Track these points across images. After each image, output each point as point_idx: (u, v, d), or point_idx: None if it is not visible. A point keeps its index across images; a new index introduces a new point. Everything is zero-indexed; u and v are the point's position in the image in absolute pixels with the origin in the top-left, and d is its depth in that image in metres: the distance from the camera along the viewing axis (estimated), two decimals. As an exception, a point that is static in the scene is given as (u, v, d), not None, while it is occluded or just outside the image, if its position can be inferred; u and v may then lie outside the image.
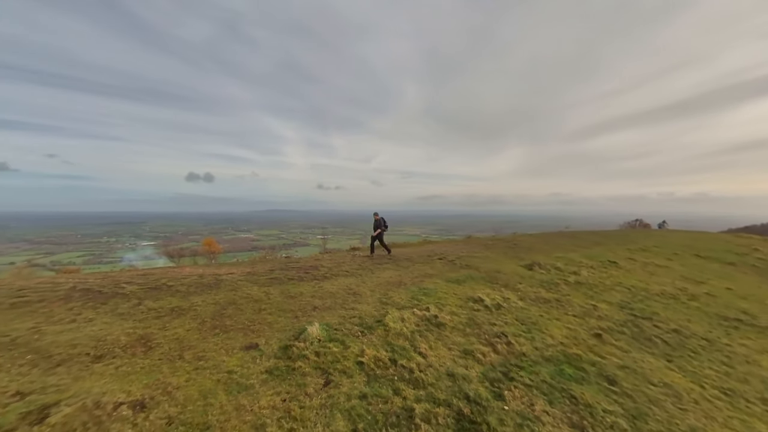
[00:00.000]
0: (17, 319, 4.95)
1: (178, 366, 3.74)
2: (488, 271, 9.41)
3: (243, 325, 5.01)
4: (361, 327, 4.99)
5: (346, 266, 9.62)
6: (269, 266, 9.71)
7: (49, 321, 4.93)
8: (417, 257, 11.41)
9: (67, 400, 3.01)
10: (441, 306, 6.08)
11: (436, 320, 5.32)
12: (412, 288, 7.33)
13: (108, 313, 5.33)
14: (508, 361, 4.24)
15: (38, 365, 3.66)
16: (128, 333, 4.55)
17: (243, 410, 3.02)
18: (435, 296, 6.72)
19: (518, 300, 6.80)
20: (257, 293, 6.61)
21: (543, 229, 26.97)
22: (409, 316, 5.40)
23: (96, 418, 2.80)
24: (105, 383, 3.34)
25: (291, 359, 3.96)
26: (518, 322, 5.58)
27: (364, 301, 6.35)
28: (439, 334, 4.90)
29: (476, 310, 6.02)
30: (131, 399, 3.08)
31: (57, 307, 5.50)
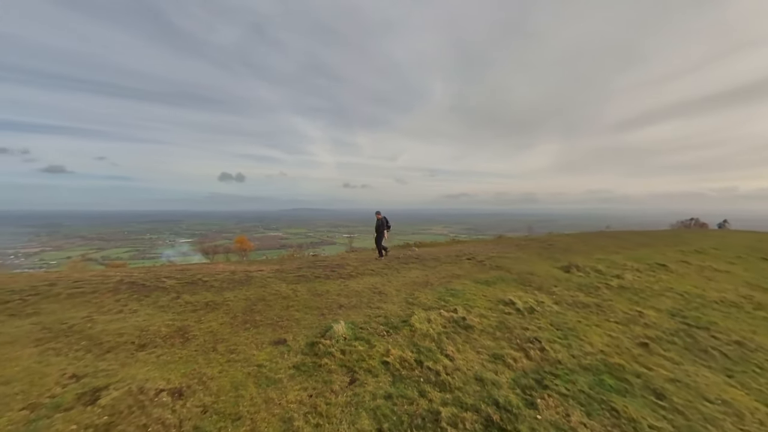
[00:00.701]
0: (73, 309, 5.50)
1: (212, 358, 3.98)
2: (520, 272, 9.08)
3: (272, 320, 5.21)
4: (387, 326, 5.02)
5: (372, 265, 9.70)
6: (297, 264, 10.03)
7: (100, 311, 5.44)
8: (444, 257, 11.26)
9: (115, 385, 3.30)
10: (469, 308, 5.95)
11: (464, 322, 5.23)
12: (439, 288, 7.25)
13: (150, 305, 5.78)
14: (542, 368, 4.07)
15: (91, 351, 4.06)
16: (168, 324, 4.91)
17: (271, 403, 3.15)
18: (463, 298, 6.60)
19: (553, 304, 6.50)
20: (285, 290, 6.85)
21: (580, 229, 25.54)
22: (436, 317, 5.35)
23: (140, 403, 3.05)
24: (147, 371, 3.62)
25: (317, 356, 4.07)
26: (553, 328, 5.33)
27: (389, 300, 6.38)
28: (467, 337, 4.81)
29: (507, 314, 5.83)
30: (170, 387, 3.32)
31: (107, 299, 6.05)
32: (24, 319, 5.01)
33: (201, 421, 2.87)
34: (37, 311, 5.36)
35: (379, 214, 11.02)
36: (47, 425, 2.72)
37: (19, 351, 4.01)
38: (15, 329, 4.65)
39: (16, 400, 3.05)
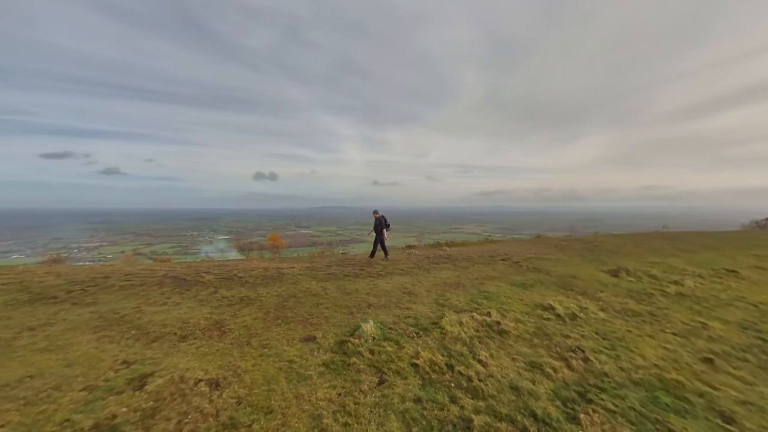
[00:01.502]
0: (125, 300, 6.05)
1: (246, 351, 4.19)
2: (561, 275, 8.60)
3: (302, 317, 5.38)
4: (416, 328, 4.98)
5: (401, 264, 9.68)
6: (327, 262, 10.27)
7: (147, 302, 5.94)
8: (477, 257, 10.96)
9: (160, 372, 3.59)
10: (504, 312, 5.74)
11: (498, 327, 5.05)
12: (471, 290, 7.07)
13: (191, 298, 6.20)
14: (585, 380, 3.82)
15: (139, 340, 4.44)
16: (206, 318, 5.24)
17: (301, 399, 3.25)
18: (497, 300, 6.38)
19: (599, 311, 6.08)
20: (315, 288, 7.04)
21: (632, 229, 23.66)
22: (468, 320, 5.22)
23: (181, 391, 3.28)
24: (188, 361, 3.89)
25: (346, 355, 4.13)
26: (599, 336, 4.99)
27: (419, 301, 6.32)
28: (502, 342, 4.64)
29: (546, 319, 5.55)
30: (208, 377, 3.54)
31: (153, 291, 6.59)
32: (84, 308, 5.60)
33: (236, 412, 3.03)
34: (95, 301, 5.97)
35: (377, 212, 10.71)
36: (102, 406, 3.01)
37: (80, 336, 4.49)
38: (77, 317, 5.21)
39: (77, 381, 3.42)
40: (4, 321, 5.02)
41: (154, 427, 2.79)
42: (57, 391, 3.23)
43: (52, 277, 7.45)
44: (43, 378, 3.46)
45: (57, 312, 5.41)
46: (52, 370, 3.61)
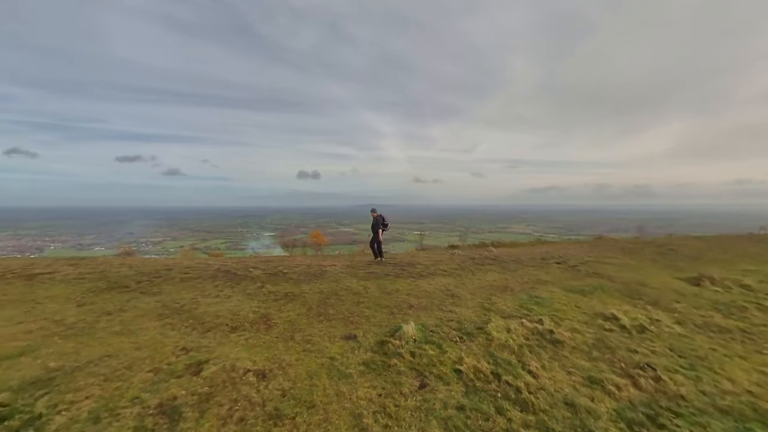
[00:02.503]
0: (184, 291, 6.71)
1: (290, 346, 4.42)
2: (627, 282, 7.84)
3: (343, 315, 5.54)
4: (460, 332, 4.86)
5: (444, 265, 9.52)
6: (367, 260, 10.44)
7: (203, 294, 6.52)
8: (527, 259, 10.40)
9: (213, 360, 3.92)
10: (558, 319, 5.38)
11: (552, 336, 4.74)
12: (520, 295, 6.73)
13: (240, 292, 6.70)
14: (656, 401, 3.44)
15: (196, 329, 4.90)
16: (254, 311, 5.62)
17: (342, 397, 3.35)
18: (550, 307, 6.00)
19: (674, 324, 5.43)
20: (356, 286, 7.20)
21: (716, 230, 20.77)
22: (517, 326, 4.97)
23: (232, 379, 3.56)
24: (238, 351, 4.21)
25: (387, 355, 4.17)
26: (674, 354, 4.46)
27: (463, 304, 6.17)
28: (555, 353, 4.35)
29: (608, 330, 5.09)
30: (256, 368, 3.80)
31: (207, 284, 7.23)
32: (151, 297, 6.32)
33: (280, 403, 3.21)
34: (160, 291, 6.70)
35: (375, 211, 10.41)
36: (165, 388, 3.38)
37: (147, 323, 5.08)
38: (144, 305, 5.90)
39: (144, 363, 3.87)
40: (89, 306, 5.85)
41: (208, 411, 3.06)
42: (129, 371, 3.69)
43: (125, 269, 8.51)
44: (118, 358, 3.98)
45: (129, 300, 6.18)
46: (125, 352, 4.13)
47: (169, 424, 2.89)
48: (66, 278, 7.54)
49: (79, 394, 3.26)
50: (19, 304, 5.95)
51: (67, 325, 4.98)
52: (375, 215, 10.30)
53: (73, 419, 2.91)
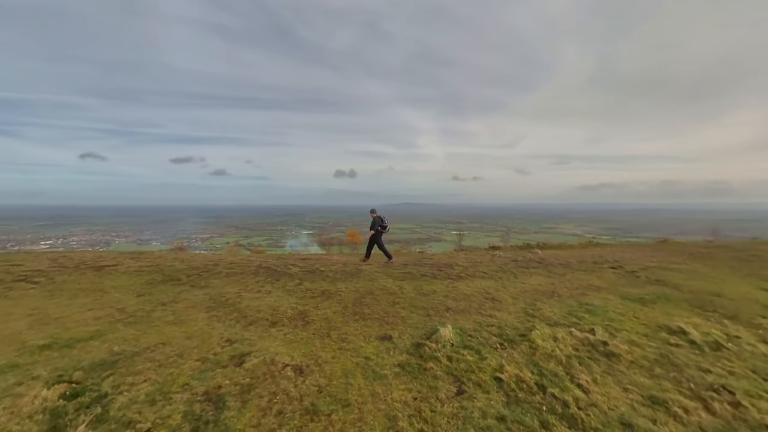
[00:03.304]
0: (229, 285, 7.18)
1: (327, 343, 4.54)
2: (697, 291, 7.05)
3: (379, 315, 5.58)
4: (500, 338, 4.68)
5: (484, 267, 9.23)
6: (403, 260, 10.43)
7: (246, 289, 6.93)
8: (577, 263, 9.76)
9: (255, 353, 4.15)
10: (613, 330, 4.98)
11: (605, 348, 4.40)
12: (569, 301, 6.33)
13: (280, 288, 7.01)
14: (734, 430, 3.05)
15: (239, 322, 5.21)
16: (293, 307, 5.86)
17: (377, 398, 3.38)
18: (604, 316, 5.57)
19: (758, 342, 4.78)
20: (392, 286, 7.22)
21: (818, 235, 17.94)
22: (565, 335, 4.68)
23: (271, 372, 3.74)
24: (277, 345, 4.41)
25: (422, 358, 4.13)
26: (757, 377, 3.93)
27: (504, 309, 5.94)
28: (610, 367, 4.03)
29: (674, 345, 4.61)
30: (294, 363, 3.96)
31: (250, 279, 7.66)
32: (199, 290, 6.84)
33: (317, 399, 3.32)
34: (207, 285, 7.23)
35: (374, 212, 10.29)
36: (211, 376, 3.64)
37: (196, 314, 5.50)
38: (194, 297, 6.40)
39: (193, 352, 4.19)
40: (146, 296, 6.48)
41: (249, 401, 3.25)
42: (180, 359, 4.02)
43: (178, 263, 9.30)
44: (170, 346, 4.35)
45: (180, 292, 6.74)
46: (177, 341, 4.51)
47: (214, 411, 3.10)
48: (128, 270, 8.41)
49: (138, 377, 3.61)
50: (90, 292, 6.74)
51: (129, 314, 5.55)
52: (374, 216, 10.31)
53: (132, 400, 3.24)
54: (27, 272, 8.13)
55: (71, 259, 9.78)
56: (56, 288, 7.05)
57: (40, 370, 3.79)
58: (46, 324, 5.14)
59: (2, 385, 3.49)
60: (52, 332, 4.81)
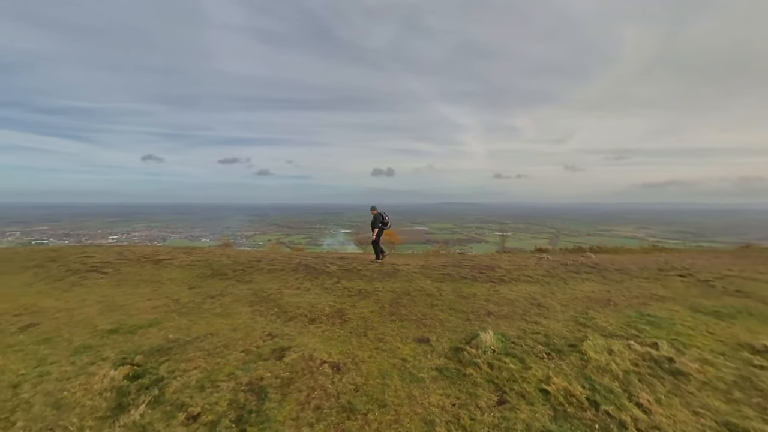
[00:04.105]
0: (270, 281, 7.56)
1: (363, 342, 4.62)
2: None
3: (416, 317, 5.56)
4: (547, 347, 4.45)
5: (529, 270, 8.81)
6: (442, 261, 10.29)
7: (286, 285, 7.25)
8: (637, 269, 8.98)
9: (294, 348, 4.34)
10: (681, 346, 4.51)
11: (671, 365, 4.00)
12: (627, 311, 5.84)
13: (318, 286, 7.25)
14: (839, 472, 2.63)
15: (280, 317, 5.48)
16: (330, 305, 6.03)
17: (414, 401, 3.37)
18: (669, 329, 5.06)
19: None
20: (430, 288, 7.15)
21: None
22: (622, 348, 4.32)
23: (310, 368, 3.88)
24: (315, 342, 4.57)
25: (461, 363, 4.05)
26: None
27: (551, 316, 5.63)
28: (676, 387, 3.65)
29: (758, 367, 4.07)
30: (331, 360, 4.07)
31: (290, 276, 8.00)
32: (243, 285, 7.29)
33: (353, 397, 3.38)
34: (251, 280, 7.67)
35: (374, 209, 10.36)
36: (254, 368, 3.86)
37: (240, 308, 5.87)
38: (239, 291, 6.83)
39: (238, 343, 4.48)
40: (197, 289, 7.03)
41: (289, 395, 3.40)
42: (226, 349, 4.32)
43: (224, 258, 9.97)
44: (218, 336, 4.69)
45: (227, 286, 7.23)
46: (224, 332, 4.85)
47: (256, 401, 3.29)
48: (181, 264, 9.19)
49: (189, 364, 3.94)
50: (149, 283, 7.47)
51: (182, 304, 6.07)
52: (374, 213, 10.39)
53: (185, 385, 3.54)
54: (98, 263, 9.20)
55: (134, 252, 10.91)
56: (122, 278, 7.91)
57: (108, 352, 4.28)
58: (113, 311, 5.79)
59: (78, 364, 3.99)
60: (118, 318, 5.41)
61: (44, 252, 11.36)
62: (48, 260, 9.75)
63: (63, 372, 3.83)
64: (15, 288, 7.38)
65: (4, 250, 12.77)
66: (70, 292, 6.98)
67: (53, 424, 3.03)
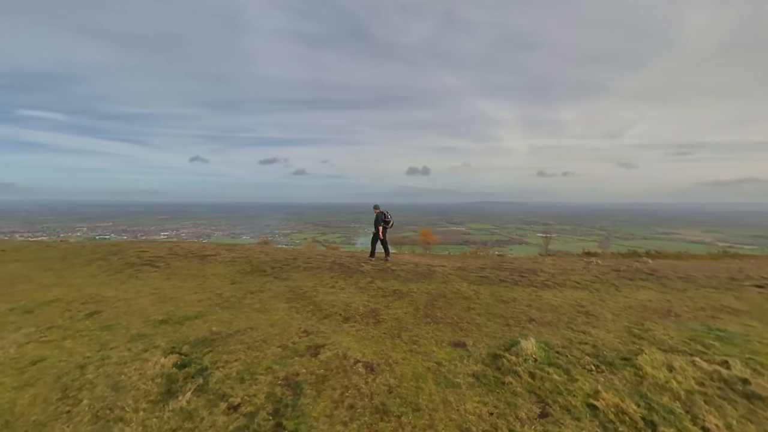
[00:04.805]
0: (306, 279, 7.81)
1: (397, 344, 4.62)
2: None
3: (452, 320, 5.46)
4: (596, 359, 4.17)
5: (576, 275, 8.33)
6: (480, 263, 10.02)
7: (321, 283, 7.45)
8: (704, 278, 8.15)
9: (329, 346, 4.44)
10: (758, 366, 4.02)
11: (746, 387, 3.58)
12: (691, 324, 5.33)
13: (352, 285, 7.37)
14: None
15: (315, 315, 5.64)
16: (365, 305, 6.11)
17: (449, 406, 3.31)
18: (743, 347, 4.54)
19: None
20: (467, 290, 7.00)
21: None
22: (685, 365, 3.94)
23: (343, 367, 3.96)
24: (349, 341, 4.65)
25: (500, 371, 3.91)
26: None
27: (601, 326, 5.27)
28: (752, 412, 3.27)
29: None
30: (365, 360, 4.12)
31: (325, 274, 8.21)
32: (281, 282, 7.59)
33: (387, 399, 3.40)
34: (288, 277, 7.98)
35: (377, 208, 10.51)
36: (290, 363, 4.01)
37: (278, 304, 6.12)
38: (276, 288, 7.12)
39: (276, 338, 4.68)
40: (238, 284, 7.44)
41: (323, 392, 3.49)
42: (264, 343, 4.53)
43: (263, 256, 10.46)
44: (257, 331, 4.93)
45: (265, 282, 7.57)
46: (262, 327, 5.09)
47: (292, 396, 3.42)
48: (224, 260, 9.78)
49: (230, 356, 4.18)
50: (195, 278, 8.02)
51: (224, 298, 6.46)
52: (377, 212, 10.54)
53: (226, 376, 3.76)
54: (151, 258, 10.05)
55: (182, 248, 11.79)
56: (171, 272, 8.57)
57: (159, 340, 4.66)
58: (164, 302, 6.29)
59: (134, 350, 4.39)
60: (168, 309, 5.87)
61: (106, 246, 12.64)
62: (109, 254, 10.83)
63: (121, 357, 4.23)
64: (83, 278, 8.28)
65: (73, 245, 14.38)
66: (128, 284, 7.69)
67: (112, 404, 3.36)
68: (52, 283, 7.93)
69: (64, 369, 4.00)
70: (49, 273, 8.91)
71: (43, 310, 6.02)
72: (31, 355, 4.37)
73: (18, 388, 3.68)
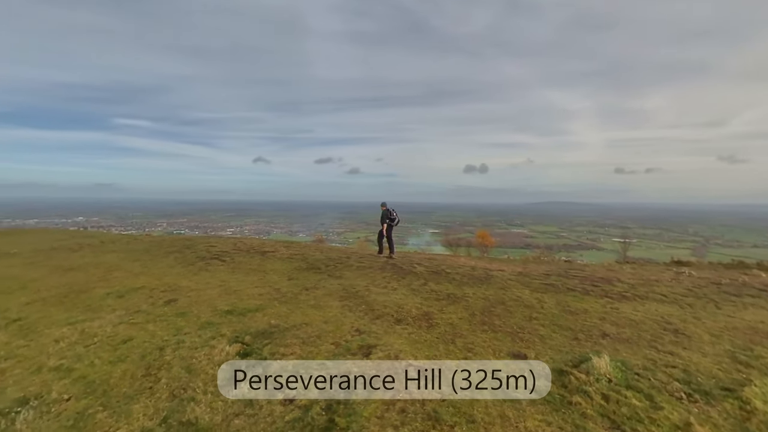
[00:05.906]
0: (359, 278, 8.01)
1: (451, 350, 4.53)
2: None
3: (511, 329, 5.20)
4: (688, 386, 3.67)
5: (662, 287, 7.41)
6: (544, 269, 9.41)
7: (373, 283, 7.59)
8: (842, 298, 6.73)
9: (380, 347, 4.51)
10: None
11: None
12: (821, 354, 4.43)
13: (405, 286, 7.39)
14: None
15: (367, 314, 5.76)
16: (417, 307, 6.09)
17: (507, 421, 3.16)
18: None
19: None
20: (528, 298, 6.62)
21: None
22: (811, 404, 3.29)
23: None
24: (401, 343, 4.67)
25: (566, 389, 3.63)
26: None
27: (695, 347, 4.62)
28: None
29: None
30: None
31: (377, 274, 8.35)
32: (334, 280, 7.89)
33: (439, 407, 3.35)
34: (341, 276, 8.26)
35: (384, 205, 10.73)
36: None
37: (331, 302, 6.37)
38: (330, 285, 7.42)
39: (329, 335, 4.88)
40: (294, 281, 7.89)
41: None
42: (318, 339, 4.75)
43: (318, 253, 10.96)
44: (311, 327, 5.18)
45: (320, 280, 7.93)
46: (316, 323, 5.34)
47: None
48: (282, 257, 10.45)
49: (287, 350, 4.45)
50: (256, 272, 8.68)
51: (282, 293, 6.89)
52: (383, 209, 10.76)
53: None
54: (219, 252, 11.11)
55: (245, 244, 12.85)
56: (236, 266, 9.39)
57: (225, 329, 5.14)
58: (229, 294, 6.92)
59: (204, 337, 4.89)
60: (233, 301, 6.44)
61: (182, 241, 14.27)
62: (184, 247, 12.20)
63: (193, 342, 4.75)
64: (162, 269, 9.45)
65: (155, 238, 16.49)
66: (199, 275, 8.60)
67: (185, 384, 3.78)
68: (139, 272, 9.18)
69: (147, 349, 4.62)
70: (137, 263, 10.32)
71: (132, 295, 7.00)
72: (122, 334, 5.12)
73: (112, 362, 4.34)
